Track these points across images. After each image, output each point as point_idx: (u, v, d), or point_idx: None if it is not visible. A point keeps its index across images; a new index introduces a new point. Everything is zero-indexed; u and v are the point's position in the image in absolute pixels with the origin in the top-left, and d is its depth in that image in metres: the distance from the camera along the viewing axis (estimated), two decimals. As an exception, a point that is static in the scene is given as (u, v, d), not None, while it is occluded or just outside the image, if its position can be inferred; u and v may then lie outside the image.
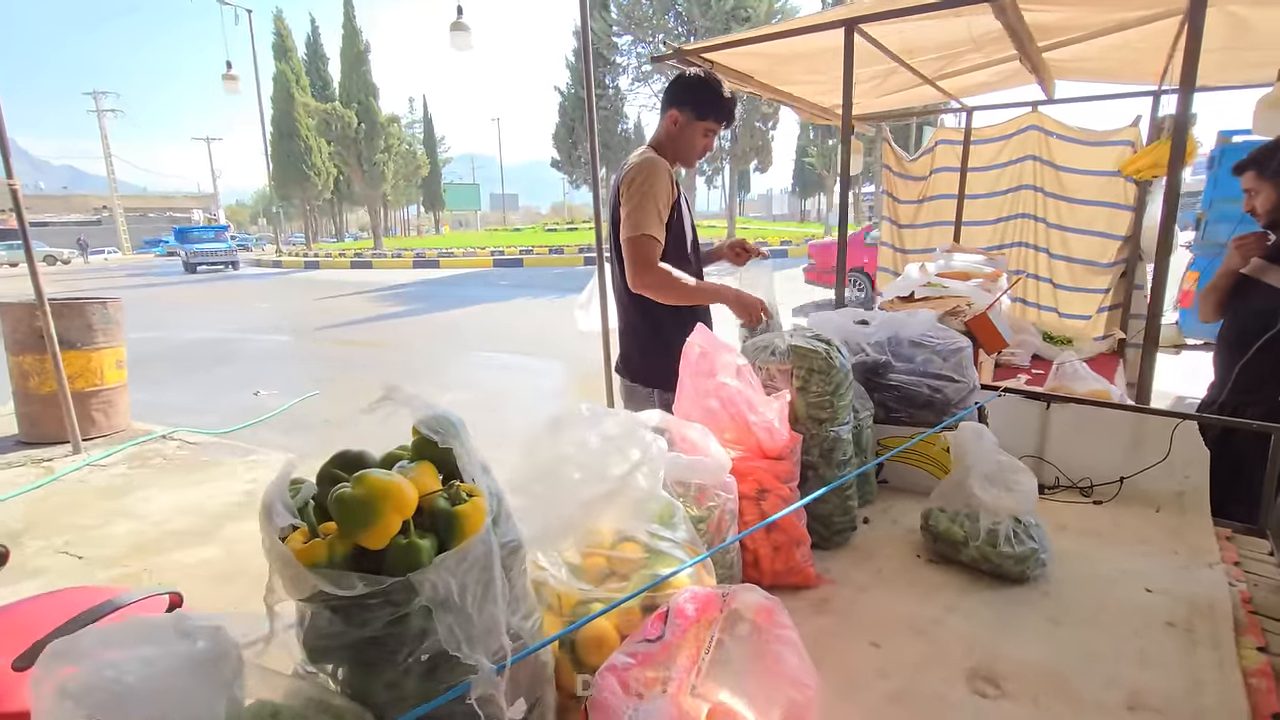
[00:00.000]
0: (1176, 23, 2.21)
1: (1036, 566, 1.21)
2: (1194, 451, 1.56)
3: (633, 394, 2.02)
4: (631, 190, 1.79)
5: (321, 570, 0.57)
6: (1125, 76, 3.28)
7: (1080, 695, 0.93)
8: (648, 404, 1.95)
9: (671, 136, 1.91)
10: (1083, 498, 1.63)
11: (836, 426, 1.30)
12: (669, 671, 0.70)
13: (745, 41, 2.26)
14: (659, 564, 0.88)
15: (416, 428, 0.71)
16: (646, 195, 1.77)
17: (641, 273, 1.78)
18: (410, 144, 37.90)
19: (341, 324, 10.72)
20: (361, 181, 32.51)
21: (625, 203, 1.79)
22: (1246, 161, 1.90)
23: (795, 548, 1.19)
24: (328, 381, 6.70)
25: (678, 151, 1.91)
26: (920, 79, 2.81)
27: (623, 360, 2.08)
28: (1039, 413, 1.73)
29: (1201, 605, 1.14)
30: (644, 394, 1.97)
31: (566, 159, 26.79)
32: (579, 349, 7.90)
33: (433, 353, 8.26)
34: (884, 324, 1.64)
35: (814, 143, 31.21)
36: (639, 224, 1.77)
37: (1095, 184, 3.38)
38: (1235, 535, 1.44)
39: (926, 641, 1.06)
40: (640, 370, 2.01)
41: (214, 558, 2.77)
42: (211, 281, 20.96)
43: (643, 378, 1.99)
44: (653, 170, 1.80)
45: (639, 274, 1.78)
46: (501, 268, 21.22)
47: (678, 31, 21.72)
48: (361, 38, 31.73)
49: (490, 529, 0.64)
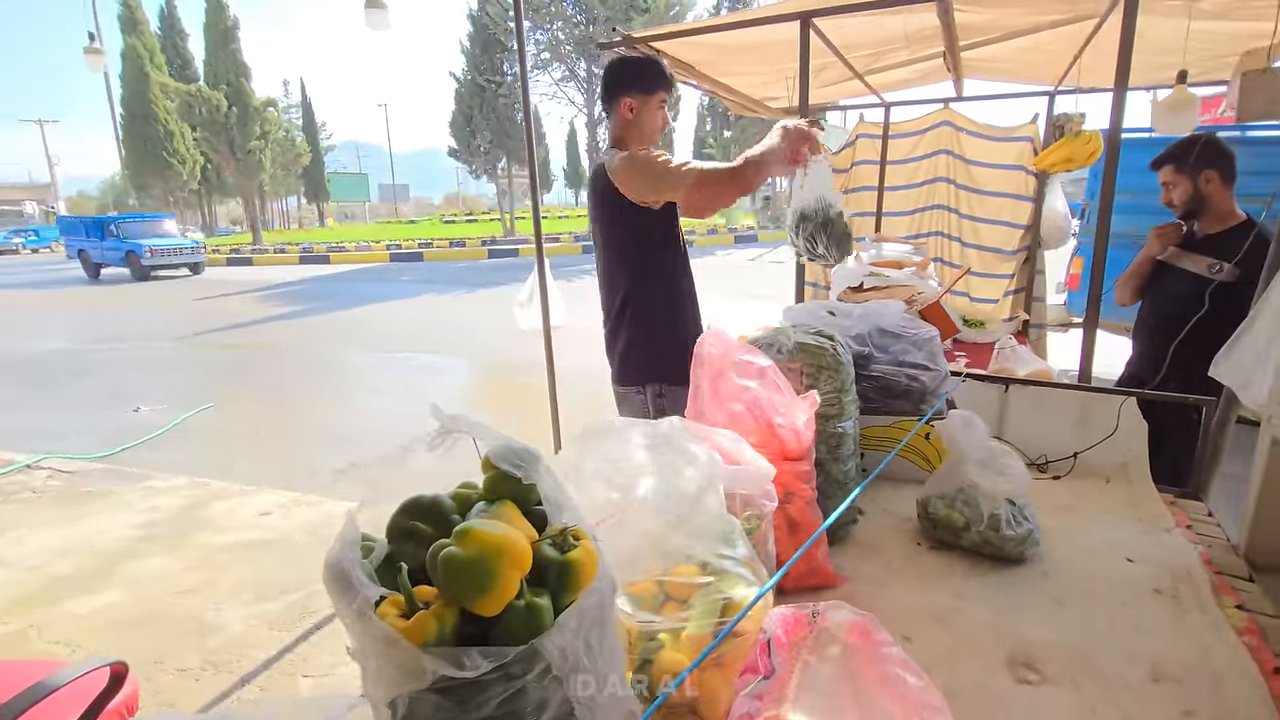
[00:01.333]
0: (1085, 26, 2.40)
1: (1032, 546, 1.27)
2: (1135, 425, 1.69)
3: (627, 398, 1.98)
4: (636, 171, 1.81)
5: (435, 650, 0.48)
6: (1026, 77, 3.55)
7: (1108, 673, 0.97)
8: (640, 410, 1.93)
9: (630, 124, 1.89)
10: (1040, 474, 1.73)
11: (843, 423, 1.30)
12: (780, 709, 0.66)
13: (697, 31, 2.24)
14: (725, 584, 0.83)
15: (492, 462, 0.62)
16: (648, 161, 1.80)
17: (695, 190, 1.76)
18: (289, 130, 35.20)
19: (226, 327, 9.80)
20: (234, 170, 29.81)
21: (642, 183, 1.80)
22: (1165, 157, 2.09)
23: (815, 548, 1.17)
24: (220, 392, 6.10)
25: (642, 135, 1.89)
26: (852, 74, 2.90)
27: (620, 363, 2.01)
28: (998, 396, 1.82)
29: (1179, 571, 1.23)
30: (638, 400, 1.94)
31: (465, 148, 25.79)
32: (498, 346, 7.65)
33: (337, 355, 7.72)
34: (862, 316, 1.66)
35: (712, 134, 31.86)
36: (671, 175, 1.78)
37: (1001, 177, 3.65)
38: (1177, 500, 1.58)
39: (951, 631, 1.08)
40: (641, 369, 1.96)
41: (117, 603, 2.43)
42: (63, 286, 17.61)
43: (642, 377, 1.95)
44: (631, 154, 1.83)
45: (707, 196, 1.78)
46: (400, 262, 20.20)
47: (577, 19, 21.44)
48: (228, 13, 28.99)
49: (605, 575, 0.57)
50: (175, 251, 18.45)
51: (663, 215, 1.87)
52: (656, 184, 1.80)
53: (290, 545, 2.94)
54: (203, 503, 3.35)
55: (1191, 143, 2.08)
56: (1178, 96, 2.48)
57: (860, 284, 2.37)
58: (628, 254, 1.93)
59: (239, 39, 29.29)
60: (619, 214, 1.88)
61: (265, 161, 30.10)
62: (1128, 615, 1.10)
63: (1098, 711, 0.88)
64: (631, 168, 1.81)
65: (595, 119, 24.29)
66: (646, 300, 1.90)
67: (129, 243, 18.26)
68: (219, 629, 2.27)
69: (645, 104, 1.86)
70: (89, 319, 11.36)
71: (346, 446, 4.57)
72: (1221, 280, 2.06)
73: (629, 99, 1.86)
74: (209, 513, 3.25)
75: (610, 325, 2.00)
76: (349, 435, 4.82)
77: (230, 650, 2.16)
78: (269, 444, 4.68)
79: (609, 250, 1.97)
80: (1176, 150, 2.09)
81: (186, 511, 3.26)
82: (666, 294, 1.93)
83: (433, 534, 0.57)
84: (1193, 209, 2.11)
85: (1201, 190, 2.11)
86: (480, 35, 23.79)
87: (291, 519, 3.17)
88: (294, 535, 3.03)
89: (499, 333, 8.35)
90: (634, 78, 1.86)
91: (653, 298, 1.92)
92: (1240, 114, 2.18)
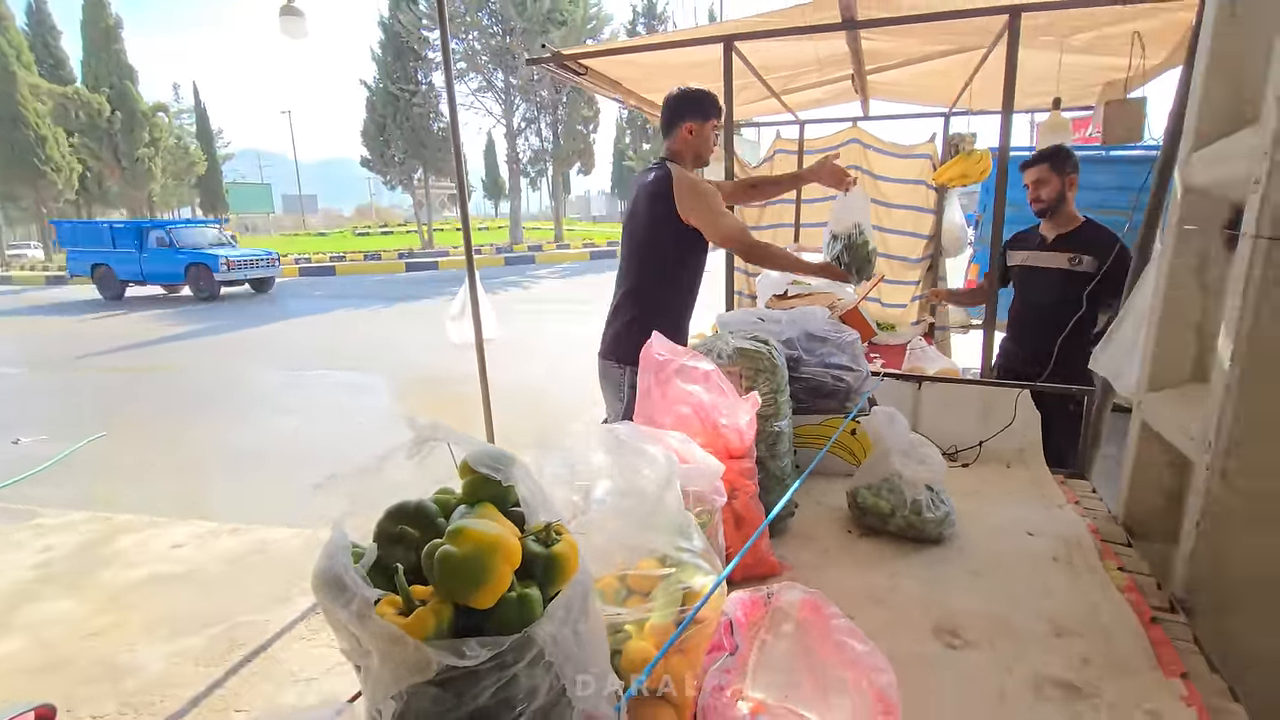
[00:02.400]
0: (975, 55, 2.65)
1: (949, 527, 1.40)
2: (1030, 415, 1.88)
3: (607, 372, 2.24)
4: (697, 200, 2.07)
5: (436, 643, 0.50)
6: (924, 99, 3.85)
7: (1019, 632, 1.09)
8: (615, 383, 2.20)
9: (689, 144, 2.18)
10: (952, 463, 1.89)
11: (779, 422, 1.39)
12: (744, 682, 0.72)
13: (626, 50, 2.32)
14: (684, 575, 0.88)
15: (471, 466, 0.65)
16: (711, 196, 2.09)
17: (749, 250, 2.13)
18: (181, 137, 32.91)
19: (114, 349, 9.03)
20: (120, 180, 27.56)
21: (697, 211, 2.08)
22: (1040, 157, 2.35)
23: (760, 540, 1.25)
24: (112, 419, 5.63)
25: (699, 155, 2.19)
26: (770, 93, 3.07)
27: (612, 338, 2.25)
28: (913, 392, 1.98)
29: (1071, 540, 1.39)
30: (617, 373, 2.18)
31: (378, 158, 24.94)
32: (422, 361, 7.45)
33: (245, 375, 7.29)
34: (790, 321, 1.77)
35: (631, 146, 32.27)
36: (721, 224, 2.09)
37: (905, 191, 3.93)
38: (1067, 480, 1.78)
39: (886, 607, 1.18)
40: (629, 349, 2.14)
41: (18, 650, 2.22)
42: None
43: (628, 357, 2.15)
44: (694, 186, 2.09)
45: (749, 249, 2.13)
46: (310, 276, 19.28)
47: (493, 30, 21.25)
48: (109, 10, 26.86)
49: (585, 567, 0.61)
50: (253, 263, 14.84)
51: (699, 235, 2.13)
52: (706, 221, 2.08)
53: (207, 577, 2.77)
54: (105, 538, 3.10)
55: (1059, 149, 2.36)
56: (1054, 120, 2.79)
57: (785, 292, 2.51)
58: (657, 251, 2.17)
59: (123, 39, 27.18)
60: (666, 217, 2.11)
61: (155, 170, 28.02)
62: (1032, 581, 1.24)
63: (1012, 667, 0.99)
64: (694, 194, 2.07)
65: (515, 130, 24.09)
66: (654, 294, 2.17)
67: (191, 253, 14.44)
68: (135, 670, 2.11)
69: (702, 128, 2.15)
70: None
71: (260, 471, 4.33)
72: (1083, 271, 2.34)
73: (690, 123, 2.13)
74: (113, 548, 3.00)
75: (615, 302, 2.26)
76: (260, 458, 4.57)
77: (151, 691, 2.02)
78: (171, 473, 4.37)
79: (642, 244, 2.20)
80: (1049, 153, 2.36)
81: (87, 549, 3.00)
82: (673, 296, 2.19)
83: (420, 537, 0.59)
84: (1053, 207, 2.38)
85: (1065, 191, 2.40)
86: (393, 43, 23.14)
87: (207, 550, 2.99)
88: (211, 567, 2.85)
89: (422, 347, 8.13)
90: (694, 107, 2.13)
91: (661, 294, 2.18)
92: (1104, 137, 2.48)
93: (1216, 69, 1.21)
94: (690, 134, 2.16)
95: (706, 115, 2.15)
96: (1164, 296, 1.39)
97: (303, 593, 2.65)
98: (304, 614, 2.53)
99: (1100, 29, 2.41)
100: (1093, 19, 2.29)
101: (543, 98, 23.71)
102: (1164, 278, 1.39)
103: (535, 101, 23.91)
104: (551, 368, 6.83)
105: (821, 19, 2.19)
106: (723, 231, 2.11)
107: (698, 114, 2.14)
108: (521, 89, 22.96)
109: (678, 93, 2.17)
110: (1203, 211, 1.31)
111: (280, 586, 2.71)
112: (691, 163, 2.20)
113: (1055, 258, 2.43)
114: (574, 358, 6.84)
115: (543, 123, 24.82)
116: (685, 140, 2.17)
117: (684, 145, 2.18)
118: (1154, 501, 1.51)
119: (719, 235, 2.11)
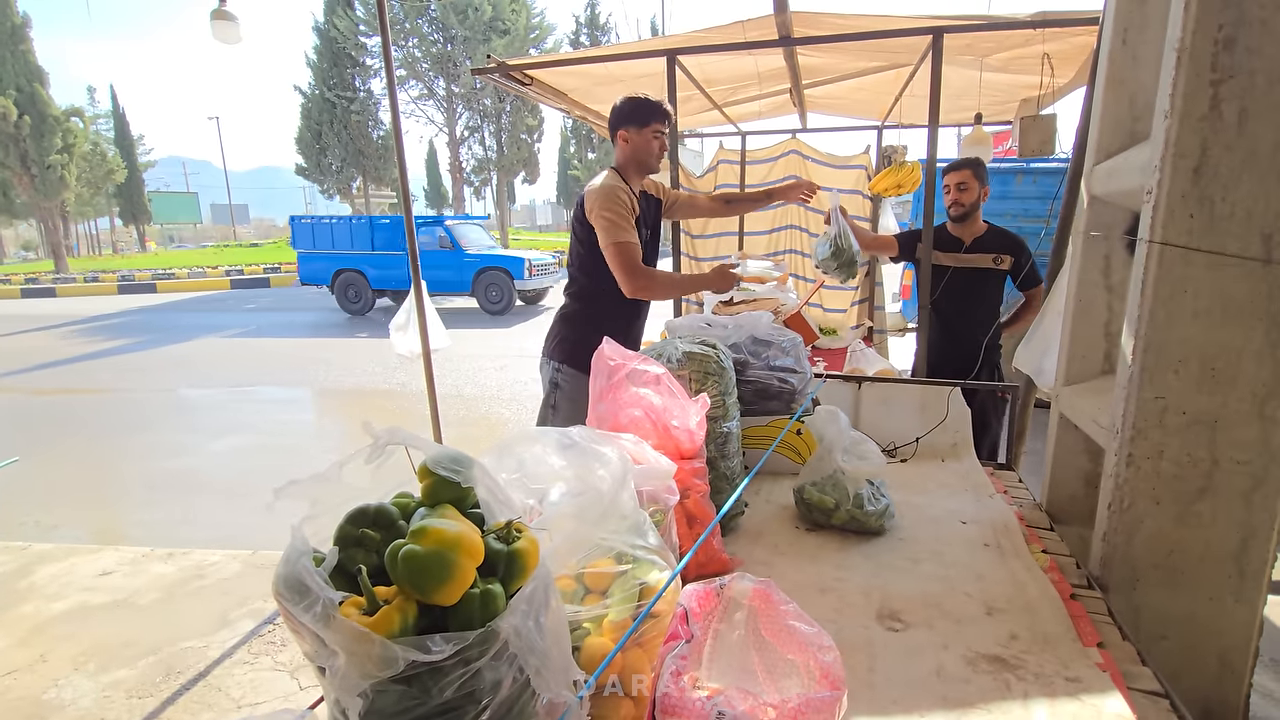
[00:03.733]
0: (903, 72, 2.80)
1: (890, 519, 1.47)
2: (961, 411, 2.00)
3: (542, 368, 2.28)
4: (596, 213, 2.06)
5: (402, 640, 0.52)
6: (858, 113, 4.03)
7: (955, 613, 1.16)
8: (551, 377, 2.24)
9: (627, 153, 2.17)
10: (891, 458, 1.99)
11: (728, 423, 1.44)
12: (699, 670, 0.75)
13: (571, 61, 2.35)
14: (640, 571, 0.91)
15: (430, 469, 0.66)
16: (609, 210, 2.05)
17: (629, 279, 2.07)
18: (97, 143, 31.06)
19: (26, 369, 8.44)
20: (29, 189, 25.80)
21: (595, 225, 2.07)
22: (964, 162, 2.49)
23: (711, 538, 1.29)
24: (27, 444, 5.26)
25: (641, 161, 2.17)
26: (712, 105, 3.15)
27: (546, 340, 2.29)
28: (853, 393, 2.07)
29: (1000, 527, 1.48)
30: (548, 368, 2.23)
31: (315, 166, 24.19)
32: (364, 372, 7.25)
33: (177, 393, 6.93)
34: (737, 326, 1.83)
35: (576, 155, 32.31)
36: (613, 235, 2.05)
37: (842, 200, 4.09)
38: (996, 471, 1.89)
39: (835, 596, 1.24)
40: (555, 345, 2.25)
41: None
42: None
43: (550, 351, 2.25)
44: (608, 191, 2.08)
45: (627, 280, 2.08)
46: (243, 289, 18.47)
47: (434, 38, 20.96)
48: (15, 8, 25.20)
49: (545, 562, 0.63)
50: (546, 269, 12.15)
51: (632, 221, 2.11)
52: (601, 227, 2.06)
53: (139, 604, 2.63)
54: (23, 569, 2.89)
55: (979, 160, 2.52)
56: (976, 134, 2.97)
57: (730, 298, 2.58)
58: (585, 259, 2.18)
59: (30, 39, 25.53)
60: (585, 225, 2.13)
61: (69, 178, 26.34)
62: (966, 566, 1.31)
63: (948, 645, 1.06)
64: (601, 203, 2.05)
65: (457, 138, 23.79)
66: (590, 300, 2.20)
67: (484, 257, 11.57)
68: (62, 707, 1.98)
69: (639, 134, 2.13)
70: None
71: (192, 491, 4.14)
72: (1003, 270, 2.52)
73: (625, 131, 2.14)
74: (32, 579, 2.81)
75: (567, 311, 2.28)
76: (192, 479, 4.37)
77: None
78: (95, 498, 4.12)
79: (574, 251, 2.23)
80: (973, 161, 2.51)
81: (1, 581, 2.80)
82: (610, 305, 2.17)
83: (381, 540, 0.60)
84: (969, 212, 2.53)
85: (980, 199, 2.57)
86: (328, 49, 22.54)
87: (139, 576, 2.83)
88: (143, 593, 2.71)
89: (364, 359, 7.92)
90: (628, 114, 2.13)
91: (596, 299, 2.20)
92: (1021, 150, 2.66)
93: (1112, 90, 1.33)
94: (625, 142, 2.16)
95: (644, 121, 2.14)
96: (1075, 298, 1.51)
97: (244, 615, 2.54)
98: (246, 637, 2.43)
99: (1014, 50, 2.59)
100: (1007, 40, 2.46)
101: (486, 106, 23.51)
102: (1074, 281, 1.51)
103: (478, 110, 23.68)
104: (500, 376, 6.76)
105: (760, 35, 2.28)
106: (612, 249, 2.07)
107: (632, 120, 2.14)
108: (464, 97, 22.72)
109: (617, 103, 2.19)
110: (1106, 219, 1.43)
111: (219, 610, 2.60)
112: (636, 170, 2.19)
113: (980, 259, 2.58)
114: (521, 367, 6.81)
115: (486, 131, 24.60)
116: (623, 148, 2.19)
117: (622, 153, 2.20)
118: (1074, 488, 1.63)
119: (607, 249, 2.08)
